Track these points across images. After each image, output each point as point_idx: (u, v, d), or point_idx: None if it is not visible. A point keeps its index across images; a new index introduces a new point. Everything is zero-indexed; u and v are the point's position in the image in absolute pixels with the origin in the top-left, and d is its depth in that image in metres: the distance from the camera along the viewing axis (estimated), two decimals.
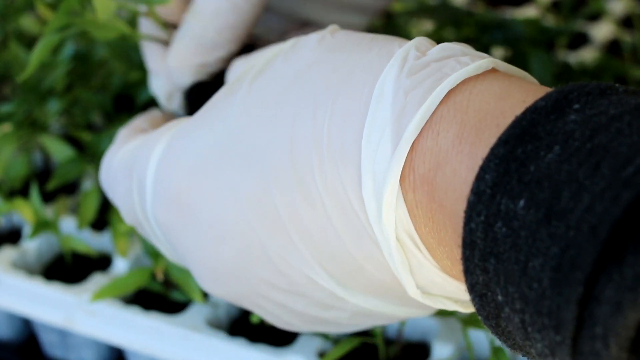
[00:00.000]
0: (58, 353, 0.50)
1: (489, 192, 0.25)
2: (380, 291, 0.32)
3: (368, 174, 0.28)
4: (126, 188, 0.37)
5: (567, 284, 0.23)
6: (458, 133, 0.27)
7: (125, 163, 0.37)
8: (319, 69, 0.31)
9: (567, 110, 0.25)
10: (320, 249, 0.30)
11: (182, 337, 0.44)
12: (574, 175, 0.24)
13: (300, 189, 0.30)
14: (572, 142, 0.24)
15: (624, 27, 0.70)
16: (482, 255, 0.25)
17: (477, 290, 0.26)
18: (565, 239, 0.23)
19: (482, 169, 0.25)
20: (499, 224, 0.25)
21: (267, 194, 0.30)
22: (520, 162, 0.25)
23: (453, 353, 0.42)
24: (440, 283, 0.29)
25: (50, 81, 0.53)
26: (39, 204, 0.49)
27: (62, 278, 0.49)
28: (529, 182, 0.24)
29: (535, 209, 0.24)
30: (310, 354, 0.42)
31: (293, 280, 0.32)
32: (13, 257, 0.49)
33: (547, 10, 0.72)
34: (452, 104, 0.27)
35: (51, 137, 0.52)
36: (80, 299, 0.46)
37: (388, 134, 0.28)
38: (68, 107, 0.55)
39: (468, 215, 0.26)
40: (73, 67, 0.55)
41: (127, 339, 0.45)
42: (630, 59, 0.64)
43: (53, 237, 0.51)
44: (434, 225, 0.28)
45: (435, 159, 0.27)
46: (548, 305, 0.23)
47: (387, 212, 0.28)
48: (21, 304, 0.48)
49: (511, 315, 0.25)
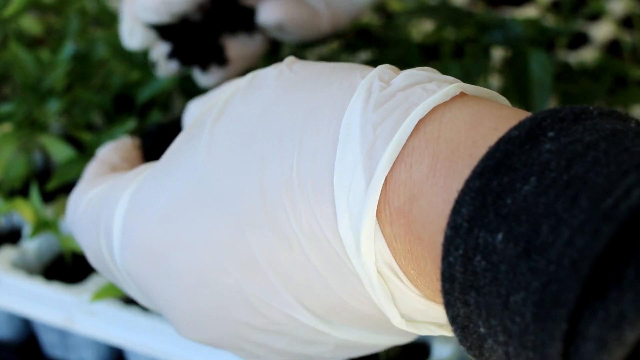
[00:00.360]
0: (58, 353, 0.50)
1: (466, 226, 0.25)
2: (364, 323, 0.31)
3: (343, 212, 0.28)
4: (93, 236, 0.36)
5: (551, 320, 0.23)
6: (431, 165, 0.26)
7: (92, 211, 0.36)
8: (281, 109, 0.30)
9: (542, 138, 0.25)
10: (301, 288, 0.30)
11: (182, 337, 0.44)
12: (552, 207, 0.23)
13: (275, 231, 0.29)
14: (549, 172, 0.24)
15: (624, 27, 0.70)
16: (463, 288, 0.25)
17: (458, 322, 0.26)
18: (547, 273, 0.23)
19: (458, 203, 0.25)
20: (477, 257, 0.24)
21: (242, 239, 0.30)
22: (497, 195, 0.24)
23: (453, 353, 0.42)
24: (423, 310, 0.29)
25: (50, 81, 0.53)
26: (39, 204, 0.49)
27: (62, 278, 0.49)
28: (507, 215, 0.24)
29: (514, 243, 0.24)
30: None
31: (273, 320, 0.31)
32: (13, 257, 0.49)
33: (547, 10, 0.72)
34: (423, 135, 0.27)
35: (51, 137, 0.52)
36: (80, 299, 0.46)
37: (360, 170, 0.27)
38: (68, 107, 0.55)
39: (446, 249, 0.25)
40: (73, 67, 0.55)
41: (127, 339, 0.45)
42: (630, 59, 0.64)
43: (53, 237, 0.51)
44: (413, 257, 0.27)
45: (409, 192, 0.27)
46: (532, 340, 0.23)
47: (365, 246, 0.27)
48: (21, 304, 0.48)
49: (495, 347, 0.25)
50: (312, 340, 0.32)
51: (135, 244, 0.33)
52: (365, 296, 0.29)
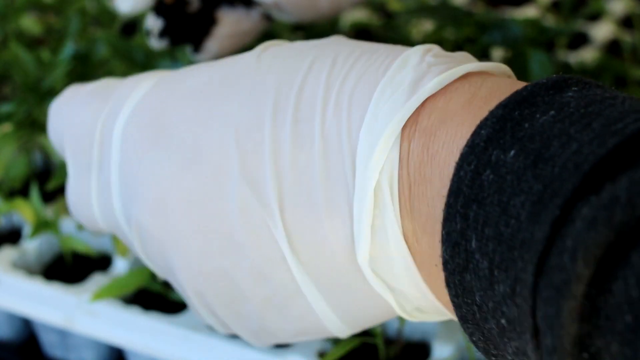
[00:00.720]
0: (58, 353, 0.50)
1: (482, 145, 0.27)
2: (326, 265, 0.31)
3: (374, 118, 0.29)
4: (91, 110, 0.36)
5: (545, 210, 0.24)
6: (469, 100, 0.29)
7: (99, 91, 0.37)
8: (340, 43, 0.33)
9: (566, 89, 0.27)
10: (290, 191, 0.31)
11: (182, 337, 0.44)
12: (566, 130, 0.25)
13: (297, 125, 0.31)
14: (567, 109, 0.26)
15: (624, 27, 0.70)
16: (466, 201, 0.26)
17: (451, 239, 0.27)
18: (550, 176, 0.24)
19: (479, 126, 0.27)
20: (487, 172, 0.26)
21: (260, 124, 0.31)
22: (516, 122, 0.26)
23: (453, 353, 0.42)
24: (392, 256, 0.30)
25: (50, 81, 0.53)
26: (39, 204, 0.49)
27: (62, 278, 0.49)
28: (522, 137, 0.26)
29: (524, 157, 0.25)
30: (310, 354, 0.42)
31: (252, 226, 0.31)
32: (13, 257, 0.50)
33: (547, 10, 0.72)
34: (467, 82, 0.30)
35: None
36: (80, 299, 0.46)
37: (405, 89, 0.29)
38: None
39: (459, 164, 0.27)
40: (73, 67, 0.55)
41: (127, 339, 0.45)
42: (630, 59, 0.64)
43: (53, 237, 0.51)
44: (418, 178, 0.29)
45: (441, 116, 0.29)
46: (522, 237, 0.24)
47: (380, 150, 0.29)
48: (21, 304, 0.48)
49: (480, 262, 0.26)
50: (269, 273, 0.32)
51: (145, 113, 0.34)
52: (344, 221, 0.30)
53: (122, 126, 0.35)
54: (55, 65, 0.53)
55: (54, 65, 0.53)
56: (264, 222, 0.31)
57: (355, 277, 0.31)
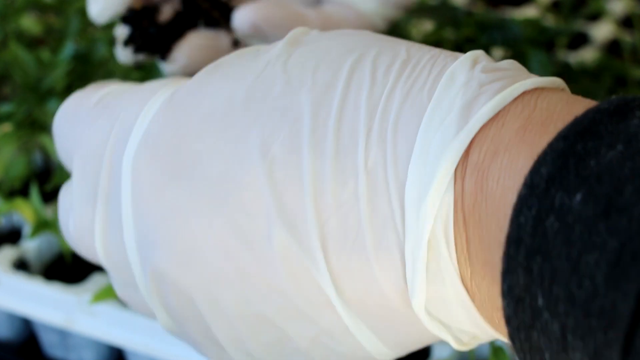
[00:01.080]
0: (58, 353, 0.50)
1: (543, 186, 0.24)
2: (377, 315, 0.29)
3: (424, 151, 0.27)
4: (100, 130, 0.33)
5: (626, 278, 0.21)
6: (523, 126, 0.26)
7: (107, 105, 0.33)
8: (375, 40, 0.30)
9: (630, 115, 0.24)
10: (333, 234, 0.28)
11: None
12: (638, 171, 0.22)
13: (337, 158, 0.28)
14: (636, 142, 0.23)
15: (624, 27, 0.70)
16: (528, 252, 0.24)
17: (514, 294, 0.25)
18: (627, 231, 0.21)
19: (538, 162, 0.24)
20: (551, 218, 0.23)
21: (297, 156, 0.28)
22: (580, 157, 0.24)
23: (453, 353, 0.42)
24: (451, 299, 0.28)
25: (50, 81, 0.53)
26: (39, 204, 0.49)
27: (62, 278, 0.49)
28: (588, 176, 0.23)
29: (593, 203, 0.22)
30: None
31: (296, 261, 0.28)
32: (13, 257, 0.50)
33: (547, 10, 0.72)
34: (521, 102, 0.27)
35: (51, 137, 0.52)
36: (80, 299, 0.46)
37: (455, 116, 0.27)
38: None
39: (518, 208, 0.24)
40: (73, 67, 0.55)
41: (127, 339, 0.45)
42: (630, 59, 0.64)
43: (53, 237, 0.51)
44: (473, 221, 0.26)
45: (494, 148, 0.26)
46: (600, 304, 0.22)
47: (434, 194, 0.26)
48: (21, 304, 0.48)
49: (549, 323, 0.24)
50: (315, 316, 0.29)
51: (161, 139, 0.30)
52: (393, 265, 0.27)
53: (133, 154, 0.31)
54: (55, 65, 0.53)
55: (54, 65, 0.53)
56: (306, 268, 0.28)
57: (408, 316, 0.29)
